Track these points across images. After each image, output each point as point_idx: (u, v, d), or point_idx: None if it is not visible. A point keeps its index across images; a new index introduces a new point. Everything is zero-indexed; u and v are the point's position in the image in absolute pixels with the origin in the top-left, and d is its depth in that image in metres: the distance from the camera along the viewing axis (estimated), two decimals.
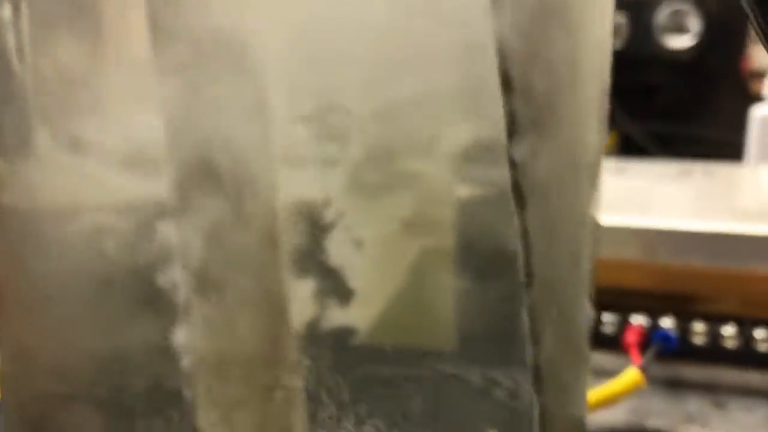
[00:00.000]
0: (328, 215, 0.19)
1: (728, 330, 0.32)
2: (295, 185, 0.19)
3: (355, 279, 0.19)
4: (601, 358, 0.34)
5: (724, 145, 0.67)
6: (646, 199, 0.40)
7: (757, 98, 0.65)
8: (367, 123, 0.19)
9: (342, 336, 0.19)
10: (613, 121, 0.76)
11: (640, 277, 0.34)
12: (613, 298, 0.34)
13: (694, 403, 0.31)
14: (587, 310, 0.21)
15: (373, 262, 0.20)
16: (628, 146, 0.75)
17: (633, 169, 0.49)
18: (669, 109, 0.77)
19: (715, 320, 0.33)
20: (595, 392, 0.29)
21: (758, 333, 0.32)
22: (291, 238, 0.19)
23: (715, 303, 0.33)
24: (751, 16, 0.18)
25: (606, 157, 0.56)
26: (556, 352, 0.19)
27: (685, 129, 0.76)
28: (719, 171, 0.47)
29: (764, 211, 0.39)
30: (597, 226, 0.21)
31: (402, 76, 0.19)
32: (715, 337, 0.32)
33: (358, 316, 0.19)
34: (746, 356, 0.32)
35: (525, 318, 0.18)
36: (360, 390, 0.19)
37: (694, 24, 0.73)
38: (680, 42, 0.73)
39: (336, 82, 0.19)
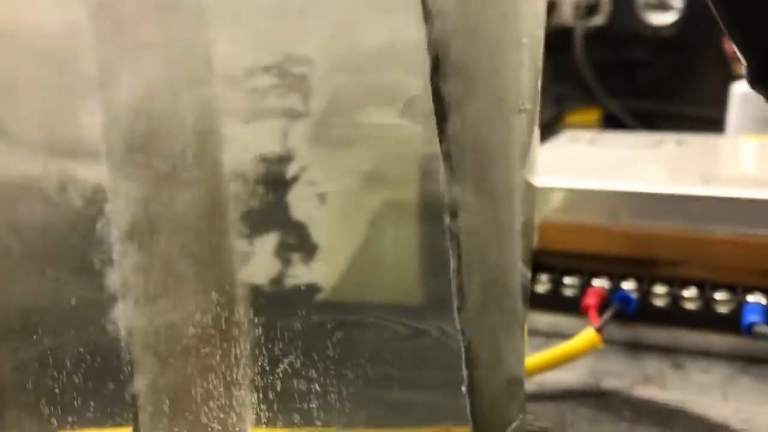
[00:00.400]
0: (291, 169, 0.19)
1: (689, 292, 0.32)
2: (258, 138, 0.19)
3: (319, 233, 0.19)
4: (563, 321, 0.34)
5: (706, 121, 0.67)
6: (614, 165, 0.40)
7: (738, 75, 0.65)
8: (329, 74, 0.19)
9: (305, 291, 0.19)
10: (595, 98, 0.76)
11: (602, 241, 0.34)
12: (576, 261, 0.34)
13: (653, 365, 0.31)
14: (521, 271, 0.21)
15: (336, 215, 0.19)
16: (611, 123, 0.75)
17: (606, 139, 0.49)
18: (651, 85, 0.76)
19: (676, 283, 0.33)
20: (550, 352, 0.29)
21: (719, 295, 0.32)
22: (253, 193, 0.19)
23: (676, 266, 0.33)
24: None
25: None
26: (484, 311, 0.19)
27: (668, 106, 0.75)
28: (691, 140, 0.46)
29: (730, 176, 0.39)
30: (532, 188, 0.21)
31: (365, 27, 0.19)
32: (675, 299, 0.32)
33: (321, 270, 0.19)
34: (706, 318, 0.32)
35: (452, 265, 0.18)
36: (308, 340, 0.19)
37: (677, 0, 0.72)
38: (663, 19, 0.73)
39: (298, 33, 0.18)
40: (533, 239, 0.23)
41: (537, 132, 0.21)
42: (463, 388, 0.18)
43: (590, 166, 0.40)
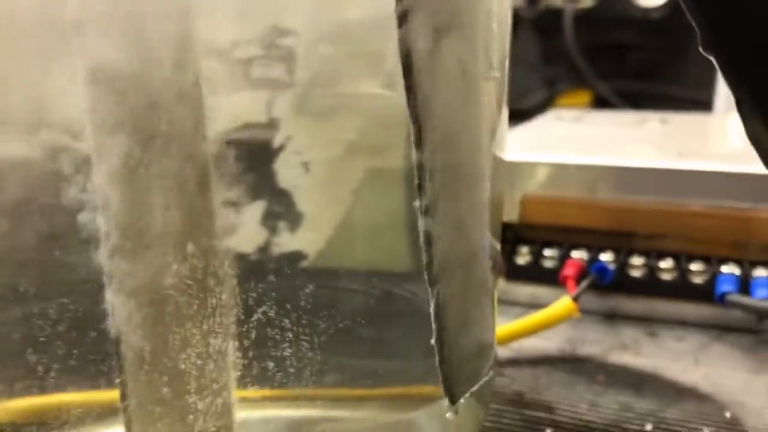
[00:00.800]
0: (277, 138, 0.19)
1: (665, 263, 0.33)
2: (244, 108, 0.19)
3: (304, 201, 0.20)
4: (543, 292, 0.34)
5: (695, 103, 0.68)
6: (595, 141, 0.41)
7: None
8: (313, 46, 0.19)
9: (290, 257, 0.20)
10: (585, 80, 0.77)
11: (582, 215, 0.35)
12: (556, 234, 0.35)
13: (629, 333, 0.32)
14: (490, 241, 0.21)
15: (321, 184, 0.20)
16: (601, 105, 0.75)
17: (591, 117, 0.49)
18: (641, 67, 0.77)
19: (652, 254, 0.33)
20: (527, 319, 0.30)
21: (694, 266, 0.32)
22: (240, 162, 0.19)
23: (653, 238, 0.33)
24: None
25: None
26: (451, 275, 0.19)
27: (657, 87, 0.76)
28: (675, 118, 0.47)
29: (707, 151, 0.40)
30: (500, 161, 0.22)
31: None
32: (652, 270, 0.33)
33: (307, 238, 0.20)
34: (681, 288, 0.33)
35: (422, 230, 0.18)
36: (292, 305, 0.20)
37: None
38: (652, 0, 0.73)
39: (283, 5, 0.19)
40: (502, 212, 0.24)
41: (506, 106, 0.22)
42: (432, 341, 0.19)
43: (572, 142, 0.41)
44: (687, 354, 0.30)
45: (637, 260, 0.33)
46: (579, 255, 0.34)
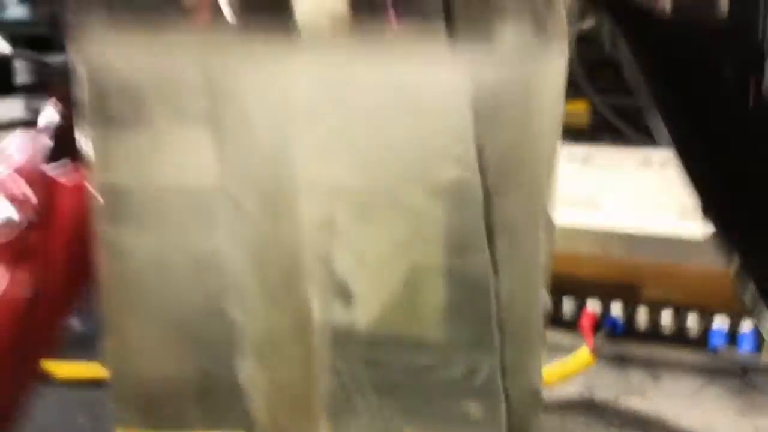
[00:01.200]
0: (335, 235, 0.25)
1: (666, 316, 0.39)
2: (311, 212, 0.24)
3: (357, 286, 0.25)
4: (559, 336, 0.40)
5: None
6: (604, 196, 0.46)
7: None
8: (369, 165, 0.24)
9: (346, 330, 0.25)
10: (584, 94, 0.80)
11: (594, 269, 0.40)
12: (571, 285, 0.41)
13: (636, 376, 0.38)
14: (544, 297, 0.27)
15: (372, 272, 0.25)
16: (598, 120, 0.79)
17: (596, 157, 0.54)
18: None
19: (655, 306, 0.39)
20: (554, 369, 0.35)
21: (691, 319, 0.38)
22: (308, 252, 0.25)
23: (656, 292, 0.39)
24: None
25: (576, 129, 0.59)
26: (517, 335, 0.25)
27: None
28: (674, 161, 0.52)
29: None
30: (552, 225, 0.26)
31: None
32: (655, 321, 0.39)
33: (358, 315, 0.25)
34: (680, 338, 0.38)
35: (493, 308, 0.24)
36: (361, 370, 0.25)
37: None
38: None
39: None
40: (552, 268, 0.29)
41: (557, 173, 0.26)
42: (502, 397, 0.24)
43: (583, 198, 0.46)
44: (686, 397, 0.36)
45: (642, 312, 0.39)
46: (592, 305, 0.40)
